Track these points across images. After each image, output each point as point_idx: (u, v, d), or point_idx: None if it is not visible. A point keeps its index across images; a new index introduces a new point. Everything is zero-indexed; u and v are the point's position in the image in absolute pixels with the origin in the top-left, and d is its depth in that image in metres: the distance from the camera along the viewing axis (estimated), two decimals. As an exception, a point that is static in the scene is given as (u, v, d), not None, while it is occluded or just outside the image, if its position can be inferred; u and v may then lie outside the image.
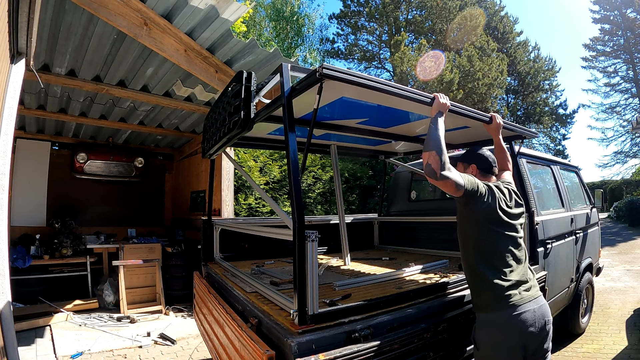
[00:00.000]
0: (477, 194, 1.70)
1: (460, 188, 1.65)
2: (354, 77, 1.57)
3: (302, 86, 1.63)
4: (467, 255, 1.79)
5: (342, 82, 1.55)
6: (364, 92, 1.76)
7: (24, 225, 5.61)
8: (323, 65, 1.47)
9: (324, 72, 1.47)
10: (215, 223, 3.21)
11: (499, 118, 2.26)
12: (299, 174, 1.53)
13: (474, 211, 1.73)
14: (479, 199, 1.71)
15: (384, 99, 1.90)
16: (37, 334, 3.93)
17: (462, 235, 1.82)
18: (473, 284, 1.79)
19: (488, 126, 2.27)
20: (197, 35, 3.71)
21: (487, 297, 1.69)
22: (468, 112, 2.14)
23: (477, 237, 1.74)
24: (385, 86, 1.67)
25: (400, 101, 1.86)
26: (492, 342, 1.67)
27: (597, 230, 4.40)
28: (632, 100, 25.89)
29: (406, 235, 4.09)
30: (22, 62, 2.56)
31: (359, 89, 1.65)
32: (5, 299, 2.17)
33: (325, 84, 1.56)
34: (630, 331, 3.88)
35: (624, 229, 13.86)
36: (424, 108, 1.92)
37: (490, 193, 1.75)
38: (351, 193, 8.60)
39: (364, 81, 1.60)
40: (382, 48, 22.86)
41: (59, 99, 4.85)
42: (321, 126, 2.61)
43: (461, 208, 1.79)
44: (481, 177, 1.91)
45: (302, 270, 1.43)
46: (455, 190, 1.65)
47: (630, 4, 23.00)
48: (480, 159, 2.01)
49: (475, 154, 2.05)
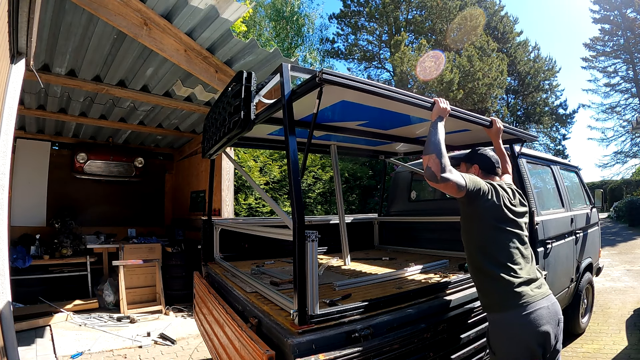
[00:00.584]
0: (480, 192, 1.69)
1: (462, 189, 1.64)
2: (353, 82, 1.56)
3: (302, 90, 1.63)
4: (474, 255, 1.76)
5: (342, 87, 1.55)
6: (365, 96, 1.75)
7: (24, 225, 5.61)
8: (323, 70, 1.47)
9: (323, 77, 1.46)
10: (215, 223, 3.21)
11: (499, 122, 2.25)
12: (299, 174, 1.53)
13: (477, 210, 1.72)
14: (482, 197, 1.70)
15: (384, 102, 1.90)
16: (37, 334, 3.93)
17: (467, 237, 1.80)
18: (483, 285, 1.75)
19: (488, 130, 2.26)
20: (197, 35, 3.71)
21: (499, 296, 1.64)
22: (468, 116, 2.13)
23: (483, 236, 1.73)
24: (385, 91, 1.67)
25: (400, 105, 1.86)
26: (511, 343, 1.61)
27: (597, 230, 4.40)
28: (632, 100, 25.89)
29: (406, 235, 4.09)
30: (22, 62, 2.56)
31: (359, 92, 1.64)
32: (5, 299, 2.17)
33: (326, 88, 1.55)
34: (630, 331, 3.88)
35: (624, 229, 13.86)
36: (424, 111, 1.92)
37: (493, 190, 1.74)
38: (351, 193, 8.60)
39: (364, 86, 1.59)
40: (382, 48, 22.87)
41: (59, 99, 4.85)
42: (321, 128, 2.61)
43: (464, 208, 1.78)
44: (484, 178, 1.88)
45: (302, 270, 1.43)
46: (457, 191, 1.64)
47: (630, 4, 23.00)
48: (483, 159, 2.00)
49: (478, 154, 2.03)
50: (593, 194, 4.46)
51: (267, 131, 2.85)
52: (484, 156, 2.01)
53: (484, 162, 1.99)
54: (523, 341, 1.58)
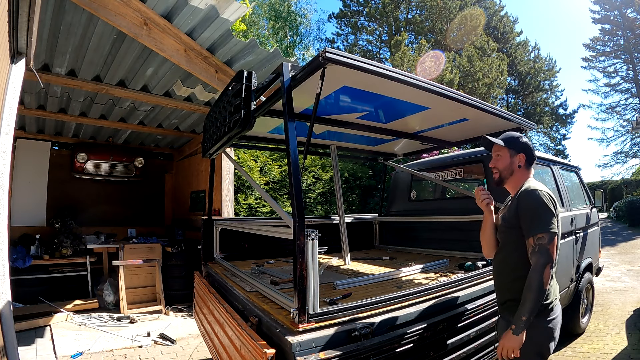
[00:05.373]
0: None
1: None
2: (357, 62, 1.52)
3: (305, 72, 1.59)
4: (519, 264, 1.66)
5: (346, 66, 1.51)
6: (366, 80, 1.72)
7: (24, 225, 5.61)
8: (326, 49, 1.43)
9: (327, 55, 1.43)
10: (216, 222, 3.21)
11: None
12: (299, 173, 1.53)
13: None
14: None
15: (385, 87, 1.88)
16: (37, 334, 3.93)
17: (519, 252, 1.67)
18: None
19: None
20: (197, 35, 3.71)
21: (550, 298, 1.67)
22: (466, 99, 2.12)
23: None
24: (386, 71, 1.66)
25: (401, 90, 1.84)
26: (554, 337, 1.65)
27: (597, 230, 4.40)
28: (632, 100, 25.91)
29: (406, 235, 4.09)
30: (22, 62, 2.56)
31: (360, 76, 1.61)
32: (5, 299, 2.17)
33: (328, 69, 1.52)
34: (630, 331, 3.88)
35: (624, 229, 13.86)
36: (423, 97, 1.89)
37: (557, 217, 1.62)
38: (351, 193, 8.60)
39: (366, 66, 1.56)
40: (382, 48, 22.89)
41: (59, 99, 4.85)
42: (321, 121, 2.61)
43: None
44: (525, 170, 1.76)
45: (303, 269, 1.43)
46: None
47: (630, 4, 23.02)
48: (530, 150, 1.78)
49: (525, 143, 1.78)
50: (593, 194, 4.46)
51: (267, 129, 2.85)
52: (530, 146, 1.79)
53: (531, 152, 1.78)
54: (557, 335, 1.69)
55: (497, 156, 1.80)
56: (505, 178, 1.78)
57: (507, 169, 1.77)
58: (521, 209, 1.64)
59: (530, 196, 1.62)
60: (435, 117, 2.71)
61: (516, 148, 1.77)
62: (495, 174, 1.81)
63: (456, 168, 3.78)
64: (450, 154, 4.36)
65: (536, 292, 1.51)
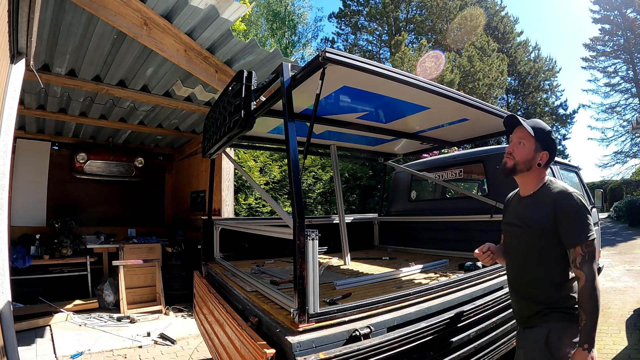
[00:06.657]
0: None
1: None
2: (357, 62, 1.52)
3: (305, 72, 1.60)
4: (556, 270, 1.55)
5: (346, 66, 1.51)
6: (366, 80, 1.72)
7: (24, 225, 5.61)
8: (326, 50, 1.43)
9: (327, 55, 1.43)
10: (216, 222, 3.21)
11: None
12: (299, 173, 1.53)
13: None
14: None
15: (385, 87, 1.88)
16: (37, 334, 3.93)
17: (553, 257, 1.55)
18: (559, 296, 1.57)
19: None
20: (197, 35, 3.71)
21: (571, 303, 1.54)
22: (466, 98, 2.11)
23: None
24: (385, 71, 1.66)
25: (400, 90, 1.84)
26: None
27: (597, 230, 4.40)
28: (632, 100, 25.92)
29: (406, 235, 4.09)
30: (22, 62, 2.56)
31: (361, 76, 1.61)
32: (5, 299, 2.17)
33: (328, 69, 1.52)
34: (630, 331, 3.88)
35: (624, 229, 13.85)
36: (423, 97, 1.88)
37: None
38: (351, 193, 8.60)
39: (366, 66, 1.56)
40: (382, 48, 22.90)
41: (59, 99, 4.85)
42: (321, 121, 2.61)
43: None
44: (543, 169, 1.61)
45: (303, 269, 1.43)
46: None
47: (630, 4, 23.02)
48: (554, 150, 1.63)
49: (554, 140, 1.62)
50: (593, 194, 4.46)
51: (267, 129, 2.85)
52: (555, 147, 1.64)
53: (554, 154, 1.63)
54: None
55: (518, 142, 1.60)
56: (520, 171, 1.59)
57: (526, 163, 1.58)
58: (562, 214, 1.49)
59: (570, 200, 1.48)
60: (436, 117, 2.71)
61: (543, 143, 1.57)
62: (509, 161, 1.61)
63: (456, 168, 3.78)
64: (450, 154, 4.36)
65: (598, 302, 1.41)
